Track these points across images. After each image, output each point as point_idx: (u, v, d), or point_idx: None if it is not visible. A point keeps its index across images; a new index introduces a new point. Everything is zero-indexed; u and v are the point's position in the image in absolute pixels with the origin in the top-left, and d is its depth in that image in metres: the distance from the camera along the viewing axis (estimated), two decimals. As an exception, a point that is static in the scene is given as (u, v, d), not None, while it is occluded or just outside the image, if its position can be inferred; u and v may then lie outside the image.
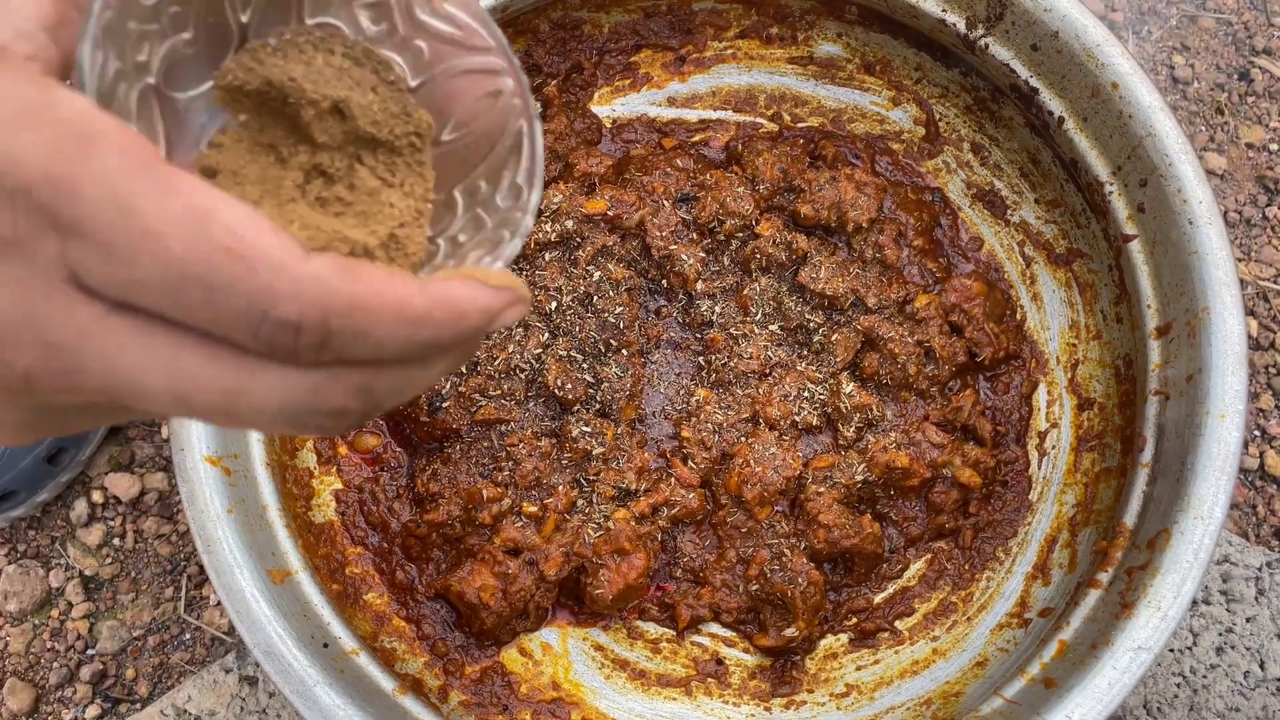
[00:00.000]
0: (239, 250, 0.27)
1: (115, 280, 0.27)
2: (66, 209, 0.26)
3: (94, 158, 0.26)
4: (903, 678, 0.86)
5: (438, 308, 0.29)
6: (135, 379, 0.28)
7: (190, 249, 0.26)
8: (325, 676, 0.70)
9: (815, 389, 0.89)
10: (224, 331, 0.28)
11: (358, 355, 0.29)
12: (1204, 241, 0.77)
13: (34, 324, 0.27)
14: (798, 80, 0.99)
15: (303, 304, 0.27)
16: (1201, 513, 0.71)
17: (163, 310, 0.27)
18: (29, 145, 0.26)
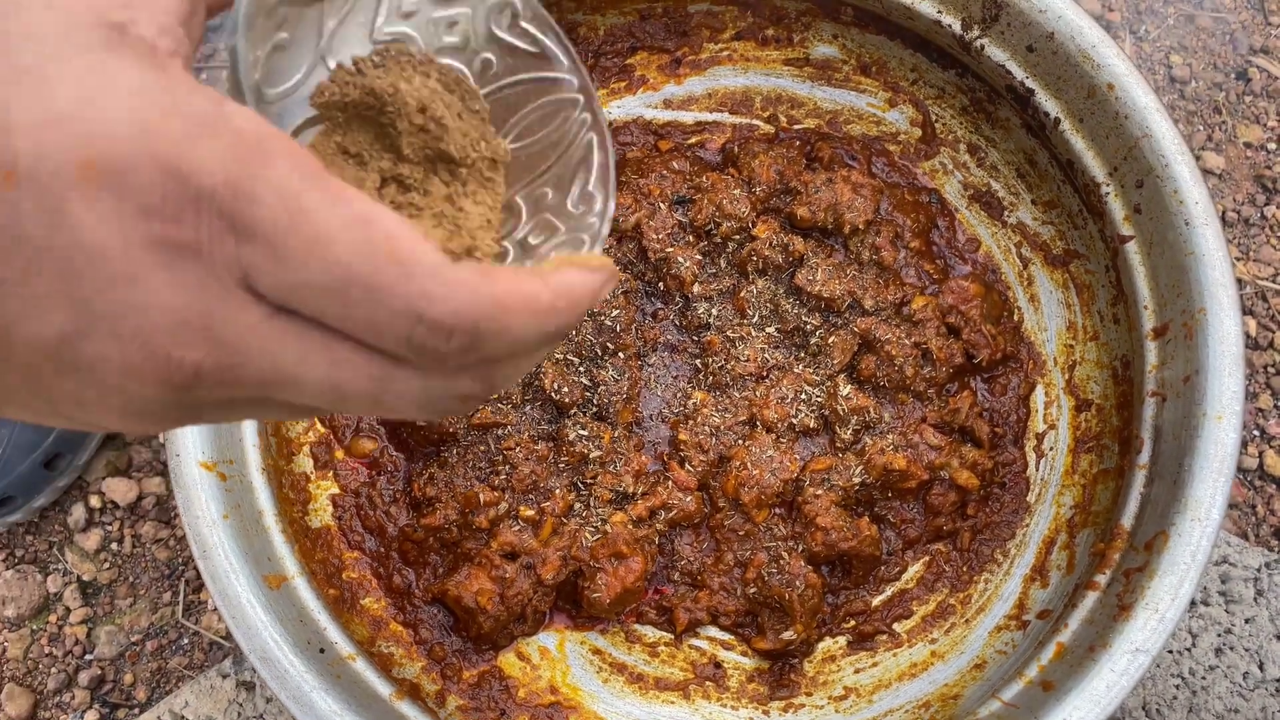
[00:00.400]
0: (399, 256, 0.28)
1: (283, 283, 0.28)
2: (245, 214, 0.28)
3: (269, 167, 0.28)
4: (901, 680, 0.86)
5: (559, 298, 0.32)
6: (295, 372, 0.30)
7: (356, 254, 0.28)
8: (321, 682, 0.70)
9: (812, 391, 0.89)
10: (376, 335, 0.29)
11: (495, 353, 0.31)
12: (1200, 242, 0.76)
13: (207, 322, 0.29)
14: (794, 82, 0.99)
15: (455, 308, 0.29)
16: (1199, 514, 0.71)
17: (322, 313, 0.29)
18: (212, 154, 0.28)
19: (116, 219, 0.27)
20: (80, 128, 0.27)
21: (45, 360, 0.29)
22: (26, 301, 0.28)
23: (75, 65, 0.28)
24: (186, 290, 0.28)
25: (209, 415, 0.32)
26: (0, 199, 0.27)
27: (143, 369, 0.29)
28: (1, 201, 0.27)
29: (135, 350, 0.29)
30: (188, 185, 0.27)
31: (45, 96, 0.27)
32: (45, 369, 0.29)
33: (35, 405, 0.31)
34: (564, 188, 0.41)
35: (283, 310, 0.29)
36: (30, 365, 0.29)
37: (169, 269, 0.28)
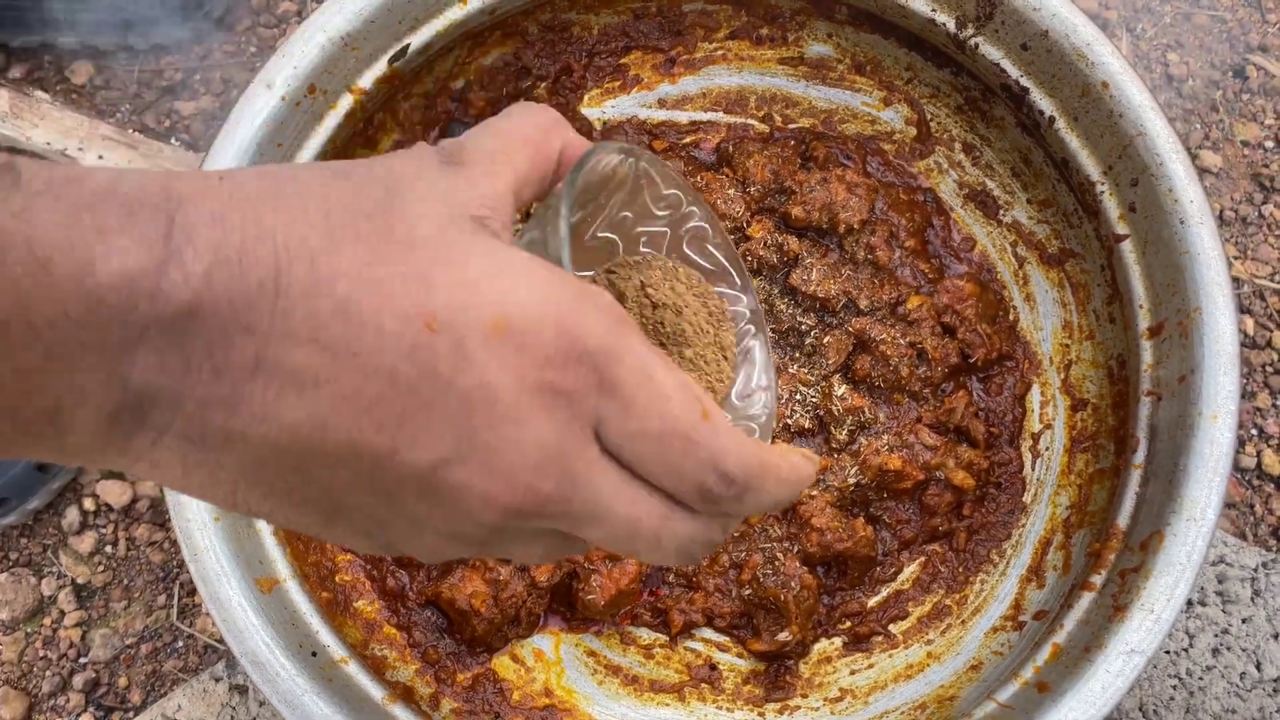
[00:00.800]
0: (710, 416, 0.36)
1: (625, 430, 0.35)
2: (611, 372, 0.35)
3: (629, 337, 0.35)
4: (897, 681, 0.85)
5: (792, 473, 0.39)
6: (609, 506, 0.36)
7: (684, 410, 0.36)
8: (313, 685, 0.70)
9: (807, 392, 0.89)
10: (677, 478, 0.36)
11: (746, 507, 0.38)
12: (1195, 241, 0.76)
13: (563, 458, 0.35)
14: (788, 81, 0.98)
15: (741, 462, 0.37)
16: (1194, 514, 0.71)
17: (640, 458, 0.36)
18: (595, 322, 0.35)
19: (515, 367, 0.34)
20: (493, 294, 0.34)
21: (413, 484, 0.34)
22: (420, 430, 0.33)
23: (472, 244, 0.35)
24: (556, 428, 0.34)
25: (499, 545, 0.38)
26: (420, 342, 0.33)
27: (498, 496, 0.35)
28: (421, 345, 0.33)
29: (501, 479, 0.34)
30: (575, 344, 0.34)
31: (457, 265, 0.34)
32: (408, 492, 0.35)
33: (367, 526, 0.36)
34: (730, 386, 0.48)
35: (608, 454, 0.36)
36: (395, 488, 0.35)
37: (547, 410, 0.34)
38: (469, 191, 0.37)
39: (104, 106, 1.22)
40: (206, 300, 0.31)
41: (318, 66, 0.80)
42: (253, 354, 0.31)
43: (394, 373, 0.33)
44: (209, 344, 0.31)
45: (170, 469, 0.33)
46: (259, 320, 0.31)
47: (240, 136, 0.78)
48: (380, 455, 0.33)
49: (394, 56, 0.84)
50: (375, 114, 0.89)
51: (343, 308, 0.32)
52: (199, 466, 0.33)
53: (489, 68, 0.94)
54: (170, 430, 0.32)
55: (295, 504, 0.35)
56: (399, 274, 0.33)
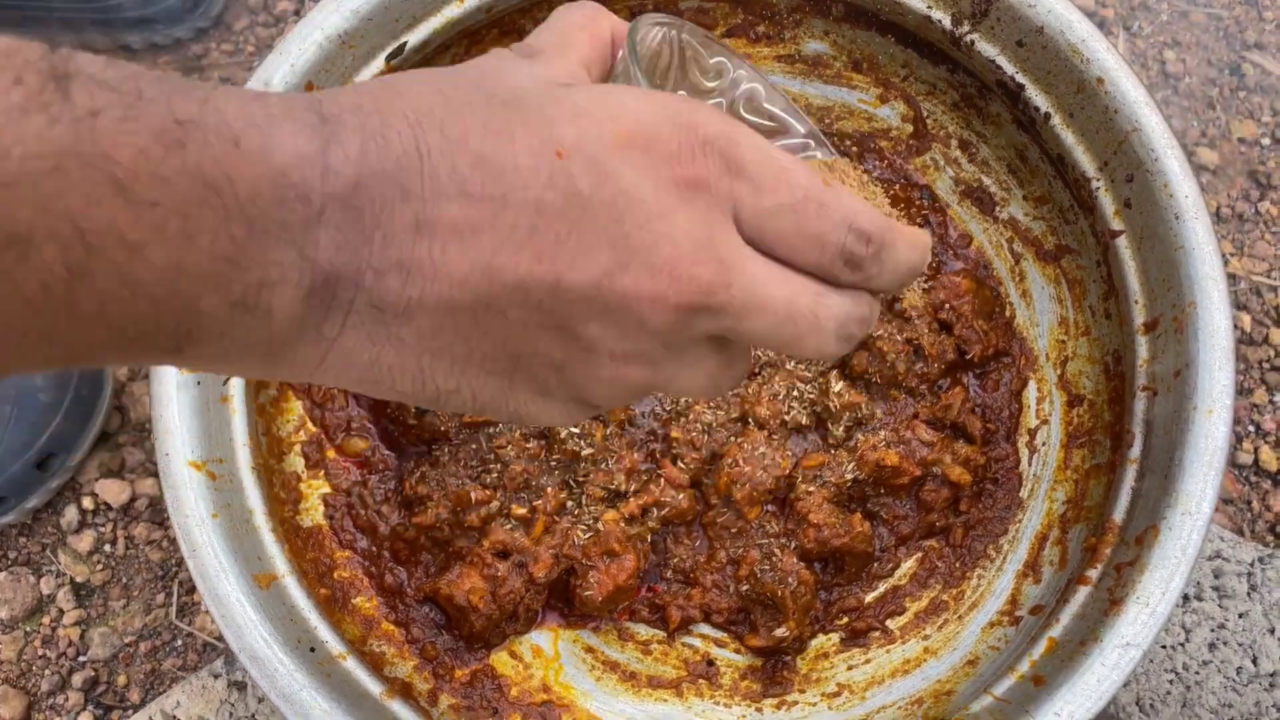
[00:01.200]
0: (831, 184, 0.38)
1: (760, 208, 0.37)
2: (736, 155, 0.37)
3: (741, 125, 0.38)
4: (894, 677, 0.86)
5: (918, 236, 0.41)
6: (766, 289, 0.38)
7: (808, 180, 0.38)
8: (312, 680, 0.70)
9: (804, 388, 0.89)
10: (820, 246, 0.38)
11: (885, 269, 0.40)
12: (1190, 236, 0.76)
13: (713, 244, 0.37)
14: (785, 78, 0.99)
15: (871, 218, 0.39)
16: (1189, 508, 0.71)
17: (781, 233, 0.38)
18: (709, 116, 0.37)
19: (649, 169, 0.36)
20: (609, 113, 0.36)
21: (582, 306, 0.36)
22: (577, 249, 0.35)
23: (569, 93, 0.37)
24: (700, 218, 0.36)
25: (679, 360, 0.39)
26: (556, 169, 0.35)
27: (666, 293, 0.36)
28: (557, 172, 0.35)
29: (664, 276, 0.36)
30: (697, 135, 0.36)
31: (565, 105, 0.37)
32: (580, 316, 0.36)
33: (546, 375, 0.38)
34: None
35: (750, 242, 0.38)
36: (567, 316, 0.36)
37: (688, 202, 0.36)
38: (548, 70, 0.40)
39: (102, 106, 1.22)
40: (365, 175, 0.33)
41: (315, 65, 0.80)
42: (412, 217, 0.34)
43: (540, 203, 0.35)
44: (375, 215, 0.33)
45: (359, 353, 0.35)
46: (412, 185, 0.34)
47: (238, 134, 0.78)
48: (547, 284, 0.35)
49: (391, 54, 0.84)
50: (372, 112, 0.89)
51: (479, 159, 0.34)
52: (385, 344, 0.35)
53: (486, 66, 0.94)
54: (354, 308, 0.34)
55: (477, 365, 0.37)
56: (518, 121, 0.35)
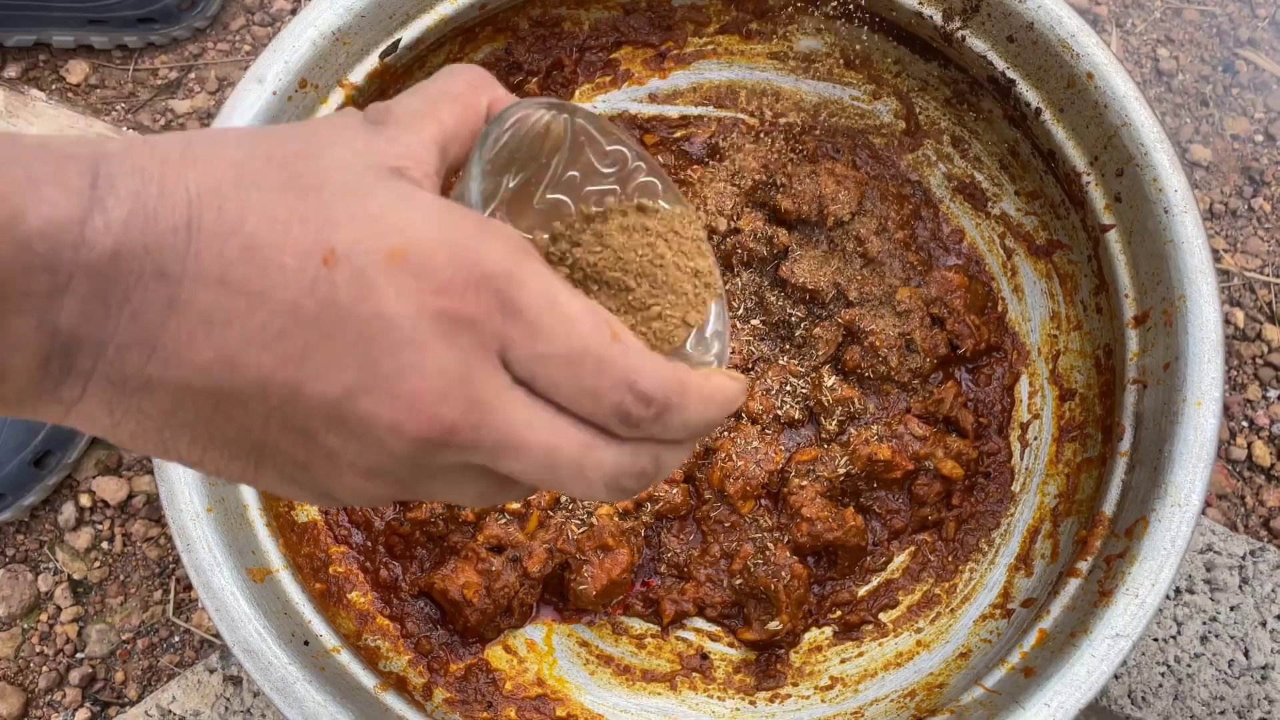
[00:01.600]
0: (621, 337, 0.37)
1: (533, 353, 0.35)
2: (515, 296, 0.35)
3: (531, 264, 0.36)
4: (887, 670, 0.86)
5: (717, 392, 0.40)
6: (523, 435, 0.36)
7: (593, 332, 0.36)
8: (306, 674, 0.70)
9: (797, 383, 0.89)
10: (593, 401, 0.36)
11: (671, 428, 0.38)
12: (1180, 230, 0.77)
13: (467, 384, 0.35)
14: (778, 75, 0.99)
15: (657, 381, 0.37)
16: (1179, 500, 0.71)
17: (554, 383, 0.36)
18: (495, 249, 0.35)
19: (414, 295, 0.34)
20: (392, 225, 0.35)
21: (322, 416, 0.35)
22: (323, 361, 0.34)
23: (380, 186, 0.36)
24: (458, 355, 0.35)
25: (424, 482, 0.38)
26: (320, 275, 0.34)
27: (406, 424, 0.35)
28: (320, 278, 0.34)
29: (404, 407, 0.35)
30: (475, 269, 0.35)
31: (360, 203, 0.35)
32: (319, 426, 0.35)
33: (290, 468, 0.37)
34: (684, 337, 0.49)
35: (519, 383, 0.36)
36: (306, 423, 0.35)
37: (448, 337, 0.35)
38: (388, 146, 0.38)
39: (99, 105, 1.22)
40: (125, 248, 0.32)
41: (309, 61, 0.81)
42: (166, 297, 0.33)
43: (296, 307, 0.34)
44: (127, 290, 0.32)
45: (99, 418, 0.35)
46: (172, 264, 0.33)
47: (232, 131, 0.78)
48: (288, 389, 0.34)
49: (385, 51, 0.85)
50: (367, 109, 0.89)
51: (248, 248, 0.33)
52: (125, 414, 0.35)
53: (480, 63, 0.95)
54: (95, 376, 0.34)
55: (220, 447, 0.36)
56: (301, 213, 0.34)
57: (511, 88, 0.97)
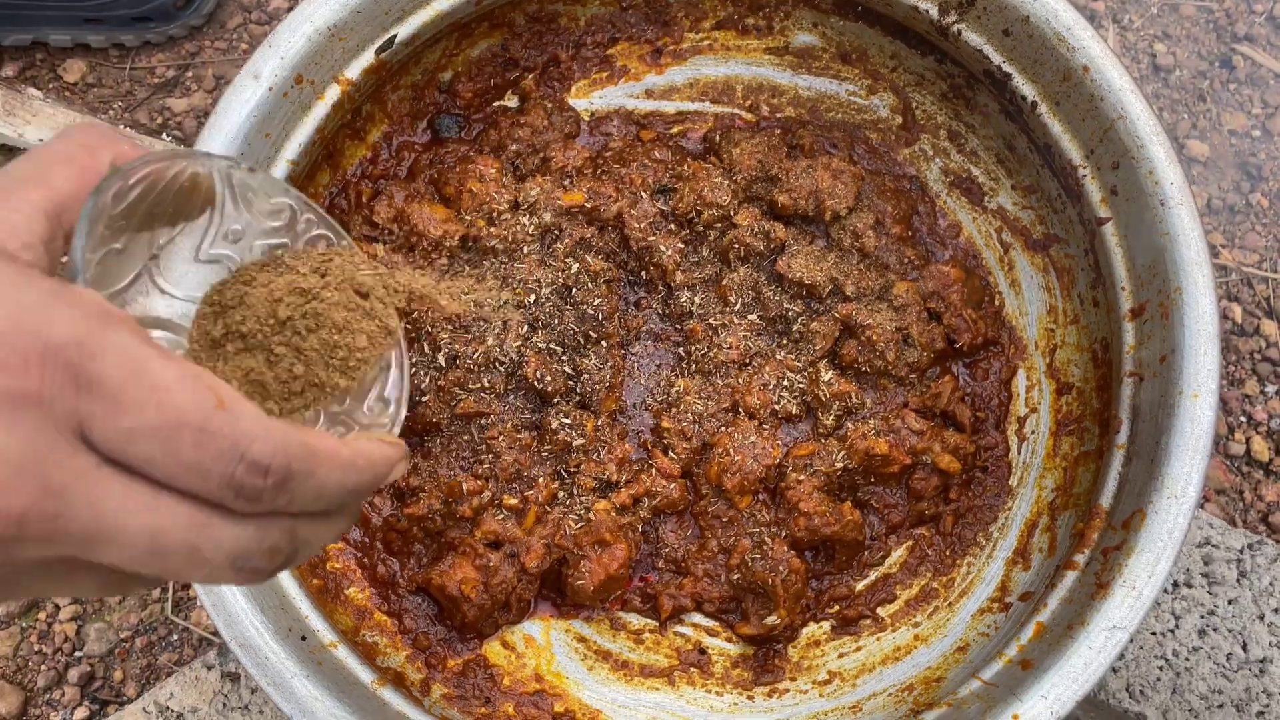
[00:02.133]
0: (228, 404, 0.33)
1: (119, 429, 0.32)
2: (90, 368, 0.31)
3: (113, 330, 0.32)
4: (885, 664, 0.86)
5: (359, 457, 0.37)
6: (117, 520, 0.32)
7: (190, 400, 0.32)
8: (302, 669, 0.70)
9: (794, 377, 0.89)
10: (200, 477, 0.33)
11: (301, 499, 0.35)
12: (1175, 223, 0.77)
13: (37, 468, 0.31)
14: (775, 71, 0.99)
15: (273, 447, 0.33)
16: (1175, 492, 0.71)
17: (149, 459, 0.32)
18: (64, 317, 0.32)
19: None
20: None
21: None
22: None
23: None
24: (23, 437, 0.31)
25: (23, 581, 0.34)
26: None
27: None
28: None
29: None
30: (37, 340, 0.31)
31: None
32: None
33: None
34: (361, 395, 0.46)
35: (111, 461, 0.32)
36: None
37: (8, 419, 0.31)
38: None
39: (96, 104, 1.22)
40: None
41: (304, 57, 0.81)
42: None
43: None
44: None
45: None
46: None
47: (227, 127, 0.79)
48: None
49: (381, 47, 0.85)
50: (363, 105, 0.89)
51: None
52: None
53: (477, 59, 0.95)
54: None
55: None
56: None
57: (508, 84, 0.97)
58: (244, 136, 0.79)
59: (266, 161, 0.81)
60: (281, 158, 0.82)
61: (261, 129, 0.80)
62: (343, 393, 0.44)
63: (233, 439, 0.33)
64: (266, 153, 0.81)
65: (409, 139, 0.94)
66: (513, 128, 0.94)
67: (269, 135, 0.81)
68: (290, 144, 0.83)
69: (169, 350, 0.34)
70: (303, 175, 0.85)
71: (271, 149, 0.81)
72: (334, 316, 0.43)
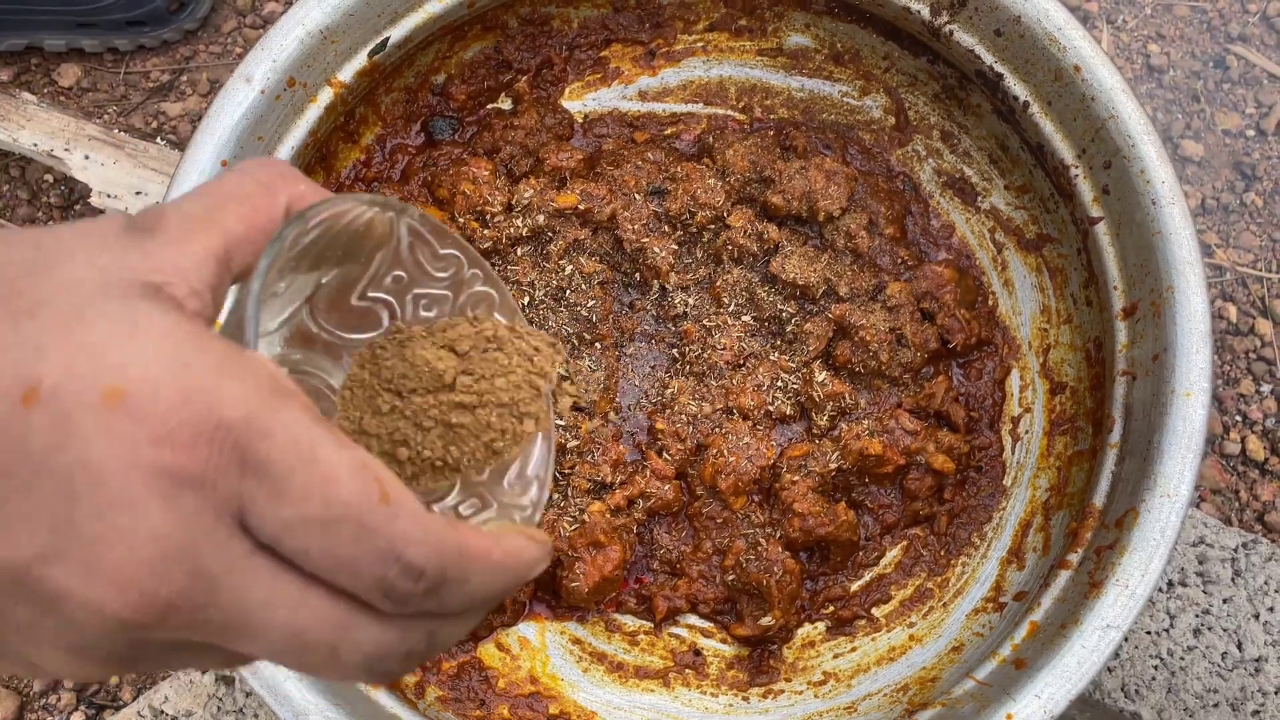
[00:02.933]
0: (391, 497, 0.31)
1: (278, 517, 0.30)
2: (258, 448, 0.29)
3: (286, 409, 0.30)
4: (880, 665, 0.86)
5: (509, 558, 0.34)
6: (260, 613, 0.31)
7: (355, 492, 0.30)
8: (296, 672, 0.70)
9: (788, 378, 0.89)
10: (352, 574, 0.31)
11: (449, 603, 0.33)
12: (1167, 221, 0.77)
13: (190, 555, 0.29)
14: (768, 72, 0.99)
15: (430, 551, 0.31)
16: (1168, 490, 0.71)
17: (304, 550, 0.30)
18: (236, 391, 0.30)
19: (128, 444, 0.29)
20: (112, 357, 0.29)
21: (8, 585, 0.29)
22: (10, 519, 0.28)
23: (110, 308, 0.30)
24: (180, 519, 0.29)
25: (148, 660, 0.32)
26: (15, 415, 0.28)
27: (106, 603, 0.29)
28: (15, 418, 0.28)
29: (105, 581, 0.29)
30: (209, 416, 0.29)
31: (80, 330, 0.29)
32: (6, 596, 0.29)
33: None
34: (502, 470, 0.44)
35: (263, 548, 0.31)
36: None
37: (168, 497, 0.29)
38: (142, 260, 0.32)
39: (91, 108, 1.22)
40: None
41: (297, 60, 0.81)
42: None
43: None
44: None
45: None
46: None
47: (220, 130, 0.79)
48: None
49: (374, 50, 0.85)
50: (356, 108, 0.89)
51: None
52: None
53: (470, 61, 0.95)
54: None
55: None
56: (6, 341, 0.29)
57: (501, 87, 0.97)
58: (236, 139, 0.79)
59: (259, 164, 0.81)
60: (274, 160, 0.82)
61: (254, 132, 0.80)
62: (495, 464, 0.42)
63: (390, 538, 0.31)
64: (259, 155, 0.81)
65: (402, 141, 0.94)
66: (506, 130, 0.94)
67: (261, 138, 0.81)
68: (283, 147, 0.83)
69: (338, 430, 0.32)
70: (296, 178, 0.85)
71: (264, 152, 0.81)
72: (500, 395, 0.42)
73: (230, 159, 0.78)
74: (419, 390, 0.41)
